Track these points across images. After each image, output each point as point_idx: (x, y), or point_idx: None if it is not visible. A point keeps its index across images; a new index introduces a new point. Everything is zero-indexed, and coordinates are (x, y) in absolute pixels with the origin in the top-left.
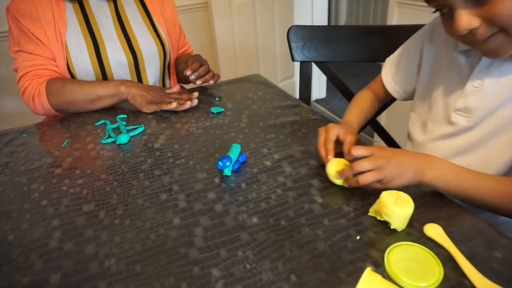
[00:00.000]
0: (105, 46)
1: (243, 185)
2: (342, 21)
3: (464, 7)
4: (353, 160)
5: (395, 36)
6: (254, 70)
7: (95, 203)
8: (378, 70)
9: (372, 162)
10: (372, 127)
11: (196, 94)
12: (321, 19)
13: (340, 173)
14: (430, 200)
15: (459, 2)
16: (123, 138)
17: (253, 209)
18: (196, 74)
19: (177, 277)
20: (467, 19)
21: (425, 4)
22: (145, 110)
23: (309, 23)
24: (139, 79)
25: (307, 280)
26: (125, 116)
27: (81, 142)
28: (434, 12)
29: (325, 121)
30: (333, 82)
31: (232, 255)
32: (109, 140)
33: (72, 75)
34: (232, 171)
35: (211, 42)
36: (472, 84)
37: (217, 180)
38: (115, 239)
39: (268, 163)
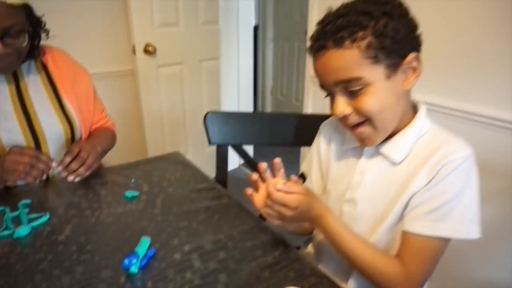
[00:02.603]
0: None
1: (149, 283)
2: (268, 89)
3: (342, 96)
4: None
5: (301, 123)
6: (181, 138)
7: None
8: (288, 151)
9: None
10: None
11: (52, 163)
12: (247, 88)
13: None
14: None
15: (338, 92)
16: (22, 231)
17: None
18: (63, 168)
19: None
20: (342, 107)
21: None
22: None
23: (235, 91)
24: None
25: None
26: (29, 202)
27: None
28: (326, 97)
29: (239, 206)
30: (247, 162)
31: None
32: (6, 232)
33: None
34: (140, 268)
35: (137, 110)
36: (356, 178)
37: (122, 279)
38: None
39: (177, 256)
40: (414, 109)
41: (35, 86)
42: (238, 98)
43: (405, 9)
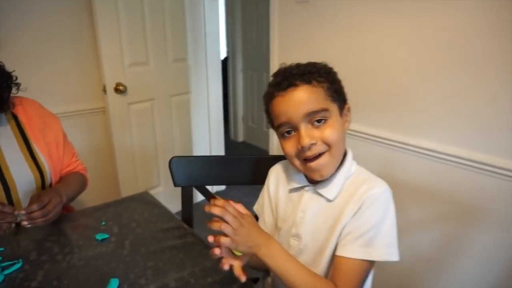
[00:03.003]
0: None
1: None
2: (240, 117)
3: (307, 128)
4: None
5: (257, 164)
6: (154, 172)
7: None
8: (255, 188)
9: (231, 230)
10: None
11: (18, 212)
12: (217, 120)
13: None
14: None
15: (303, 125)
16: None
17: None
18: (26, 214)
19: None
20: (309, 136)
21: None
22: None
23: (206, 122)
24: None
25: None
26: (3, 249)
27: None
28: (281, 136)
29: (202, 243)
30: (209, 200)
31: None
32: None
33: None
34: None
35: (109, 147)
36: (299, 215)
37: None
38: None
39: None
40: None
41: (6, 136)
42: (209, 129)
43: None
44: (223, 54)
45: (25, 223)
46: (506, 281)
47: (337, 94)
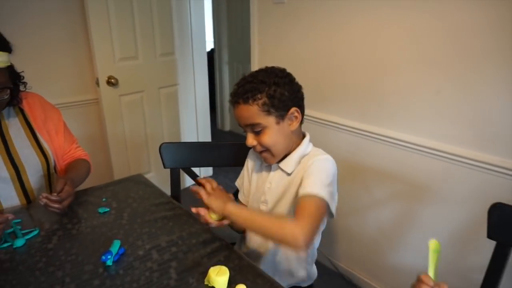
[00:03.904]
0: None
1: (121, 271)
2: (226, 107)
3: (250, 133)
4: None
5: (237, 149)
6: (144, 159)
7: None
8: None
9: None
10: None
11: (10, 216)
12: (204, 110)
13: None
14: (240, 270)
15: (248, 131)
16: (19, 242)
17: None
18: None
19: None
20: (251, 140)
21: None
22: None
23: (193, 112)
24: (23, 189)
25: None
26: (20, 220)
27: None
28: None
29: (188, 214)
30: (194, 180)
31: None
32: (6, 244)
33: None
34: (113, 262)
35: (103, 135)
36: (267, 186)
37: (101, 270)
38: None
39: (141, 252)
40: (303, 136)
41: (15, 127)
42: (196, 119)
43: (290, 78)
44: (210, 46)
45: (43, 202)
46: (449, 249)
47: (275, 107)
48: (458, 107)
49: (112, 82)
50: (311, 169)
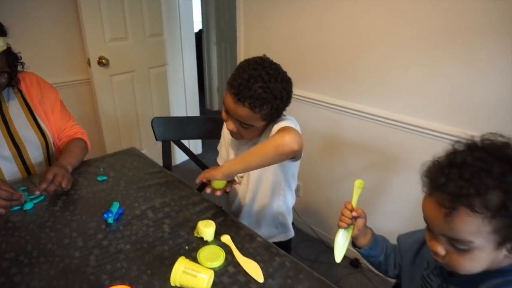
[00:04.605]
0: None
1: (121, 227)
2: (215, 88)
3: (235, 123)
4: None
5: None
6: (136, 136)
7: (15, 252)
8: (214, 146)
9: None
10: None
11: (23, 197)
12: (192, 89)
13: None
14: (225, 225)
15: (235, 121)
16: (28, 205)
17: (127, 241)
18: (41, 191)
19: (82, 280)
20: (232, 126)
21: None
22: None
23: (182, 92)
24: (25, 167)
25: (155, 272)
26: (25, 187)
27: None
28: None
29: (179, 181)
30: (184, 152)
31: (114, 267)
32: (16, 207)
33: None
34: (114, 220)
35: (95, 114)
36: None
37: (103, 226)
38: (34, 270)
39: (137, 212)
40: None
41: (14, 107)
42: (185, 97)
43: (291, 88)
44: (198, 26)
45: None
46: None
47: (272, 117)
48: (424, 83)
49: (103, 62)
50: (278, 124)
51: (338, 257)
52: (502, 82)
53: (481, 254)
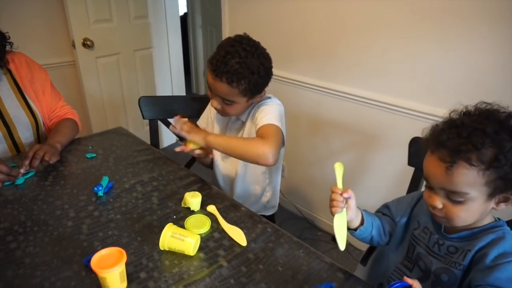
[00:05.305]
0: None
1: (111, 199)
2: (201, 71)
3: (217, 100)
4: None
5: (203, 101)
6: (122, 119)
7: (9, 222)
8: None
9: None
10: None
11: (20, 174)
12: (178, 72)
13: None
14: (211, 196)
15: (217, 98)
16: (19, 181)
17: (117, 211)
18: (26, 169)
19: (75, 247)
20: (216, 104)
21: None
22: None
23: (168, 75)
24: (16, 146)
25: (145, 238)
26: (15, 164)
27: None
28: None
29: (166, 158)
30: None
31: (106, 234)
32: (7, 183)
33: None
34: (104, 193)
35: (81, 96)
36: (227, 134)
37: (94, 198)
38: (29, 238)
39: (127, 185)
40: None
41: (4, 88)
42: (171, 81)
43: (271, 64)
44: (183, 10)
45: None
46: (394, 188)
47: (251, 92)
48: (399, 64)
49: (87, 44)
50: (263, 108)
51: (342, 245)
52: (476, 61)
53: (474, 205)
